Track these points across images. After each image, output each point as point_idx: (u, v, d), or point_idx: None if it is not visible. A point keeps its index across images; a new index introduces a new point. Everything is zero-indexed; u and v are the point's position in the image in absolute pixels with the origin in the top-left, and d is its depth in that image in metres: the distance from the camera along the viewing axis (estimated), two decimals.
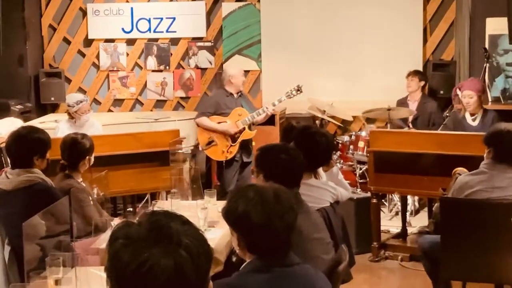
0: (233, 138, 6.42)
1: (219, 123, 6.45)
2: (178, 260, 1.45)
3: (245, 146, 6.51)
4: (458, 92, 6.25)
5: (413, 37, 8.11)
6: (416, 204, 7.15)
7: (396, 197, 7.10)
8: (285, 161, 3.37)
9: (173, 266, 1.44)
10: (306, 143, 3.93)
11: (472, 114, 6.17)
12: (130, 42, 8.78)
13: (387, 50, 8.14)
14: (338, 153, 7.34)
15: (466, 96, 6.13)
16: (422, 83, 7.51)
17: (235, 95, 6.53)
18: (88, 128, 6.16)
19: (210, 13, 8.63)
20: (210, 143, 6.45)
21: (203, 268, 1.50)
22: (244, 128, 6.40)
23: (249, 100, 6.80)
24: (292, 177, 3.36)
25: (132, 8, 8.67)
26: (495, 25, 7.27)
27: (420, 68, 7.89)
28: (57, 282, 3.08)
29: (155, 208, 4.42)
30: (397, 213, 7.00)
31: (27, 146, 4.25)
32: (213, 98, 6.80)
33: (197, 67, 8.70)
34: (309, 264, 2.57)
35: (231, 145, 6.41)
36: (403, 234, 6.35)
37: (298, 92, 6.42)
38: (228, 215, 2.50)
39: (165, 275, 1.43)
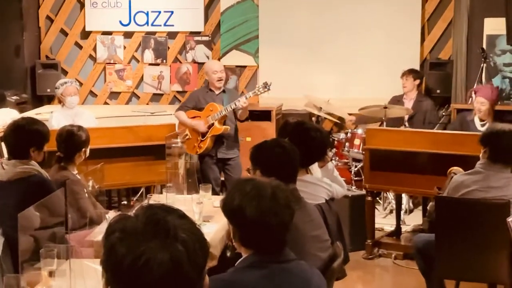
0: (203, 133, 6.42)
1: (193, 117, 6.44)
2: (175, 254, 1.45)
3: (219, 142, 6.43)
4: (473, 95, 6.30)
5: (411, 35, 8.11)
6: (411, 203, 7.17)
7: (390, 195, 7.11)
8: (279, 154, 3.36)
9: (169, 260, 1.44)
10: (300, 138, 3.92)
11: (482, 119, 6.21)
12: (128, 35, 8.76)
13: (385, 48, 8.14)
14: (334, 150, 7.34)
15: (479, 102, 6.19)
16: (417, 82, 7.50)
17: (216, 91, 6.48)
18: (79, 116, 6.17)
19: (208, 8, 8.62)
20: (185, 136, 6.47)
21: (199, 262, 1.49)
22: (213, 124, 6.35)
23: (236, 96, 6.63)
24: (288, 171, 3.35)
25: (130, 1, 8.65)
26: (493, 25, 7.28)
27: (417, 67, 7.89)
28: (51, 273, 3.07)
29: (151, 202, 4.42)
30: (391, 211, 7.01)
31: (24, 137, 4.24)
32: (195, 92, 6.78)
33: (194, 61, 8.69)
34: (304, 261, 2.57)
35: (201, 140, 6.42)
36: (397, 232, 6.36)
37: (265, 89, 6.32)
38: (225, 207, 2.52)
39: (161, 269, 1.43)
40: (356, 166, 7.20)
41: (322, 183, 4.04)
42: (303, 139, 3.92)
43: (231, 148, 6.46)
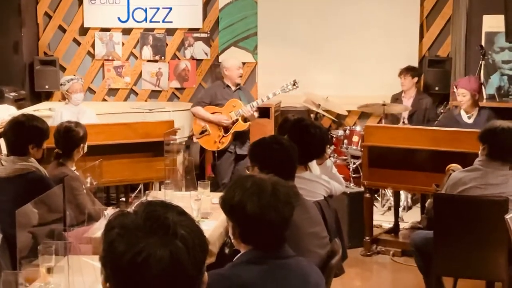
0: (226, 128, 6.42)
1: (213, 113, 6.46)
2: (174, 251, 1.45)
3: (239, 138, 6.50)
4: (455, 89, 6.31)
5: (410, 32, 8.11)
6: (409, 200, 7.17)
7: (389, 192, 7.11)
8: (278, 151, 3.36)
9: (169, 256, 1.44)
10: (300, 135, 3.92)
11: (467, 112, 6.20)
12: (126, 31, 8.75)
13: (383, 45, 8.13)
14: (332, 147, 7.34)
15: (460, 94, 6.19)
16: (416, 79, 7.51)
17: (233, 88, 6.52)
18: (82, 114, 6.18)
19: (206, 4, 8.61)
20: (203, 132, 6.47)
21: (198, 259, 1.49)
22: (237, 120, 6.39)
23: (249, 94, 6.78)
24: (286, 168, 3.35)
25: None
26: (491, 23, 7.27)
27: (416, 64, 7.89)
28: (49, 270, 3.07)
29: (150, 198, 4.41)
30: (389, 208, 7.02)
31: (23, 134, 4.24)
32: (211, 89, 6.83)
33: (192, 58, 8.68)
34: (303, 258, 2.57)
35: (223, 136, 6.43)
36: (395, 229, 6.36)
37: (294, 87, 6.42)
38: (225, 203, 2.51)
39: (160, 266, 1.43)
40: (354, 163, 7.21)
41: (320, 180, 4.03)
42: (302, 136, 3.92)
43: (247, 145, 6.50)
